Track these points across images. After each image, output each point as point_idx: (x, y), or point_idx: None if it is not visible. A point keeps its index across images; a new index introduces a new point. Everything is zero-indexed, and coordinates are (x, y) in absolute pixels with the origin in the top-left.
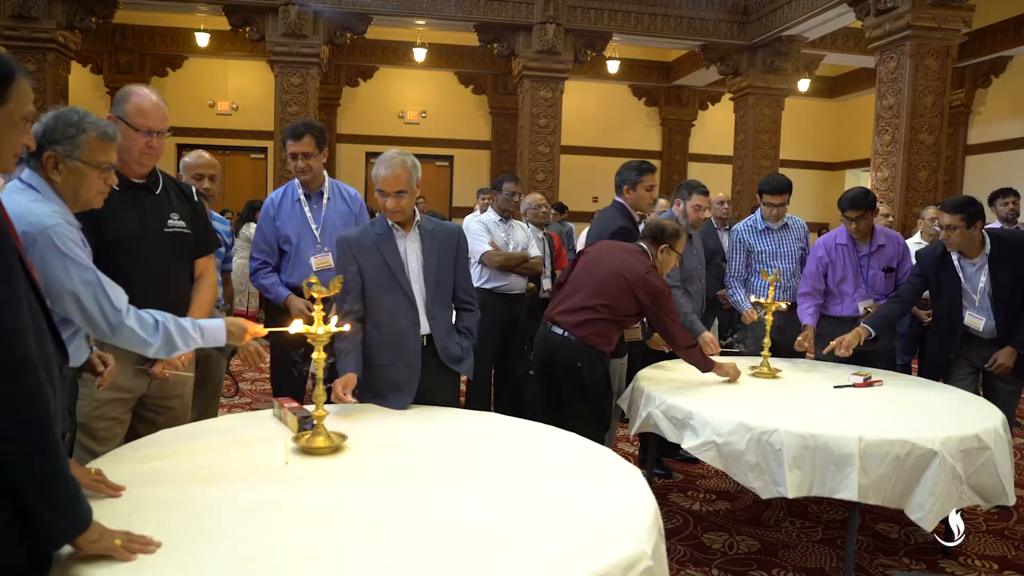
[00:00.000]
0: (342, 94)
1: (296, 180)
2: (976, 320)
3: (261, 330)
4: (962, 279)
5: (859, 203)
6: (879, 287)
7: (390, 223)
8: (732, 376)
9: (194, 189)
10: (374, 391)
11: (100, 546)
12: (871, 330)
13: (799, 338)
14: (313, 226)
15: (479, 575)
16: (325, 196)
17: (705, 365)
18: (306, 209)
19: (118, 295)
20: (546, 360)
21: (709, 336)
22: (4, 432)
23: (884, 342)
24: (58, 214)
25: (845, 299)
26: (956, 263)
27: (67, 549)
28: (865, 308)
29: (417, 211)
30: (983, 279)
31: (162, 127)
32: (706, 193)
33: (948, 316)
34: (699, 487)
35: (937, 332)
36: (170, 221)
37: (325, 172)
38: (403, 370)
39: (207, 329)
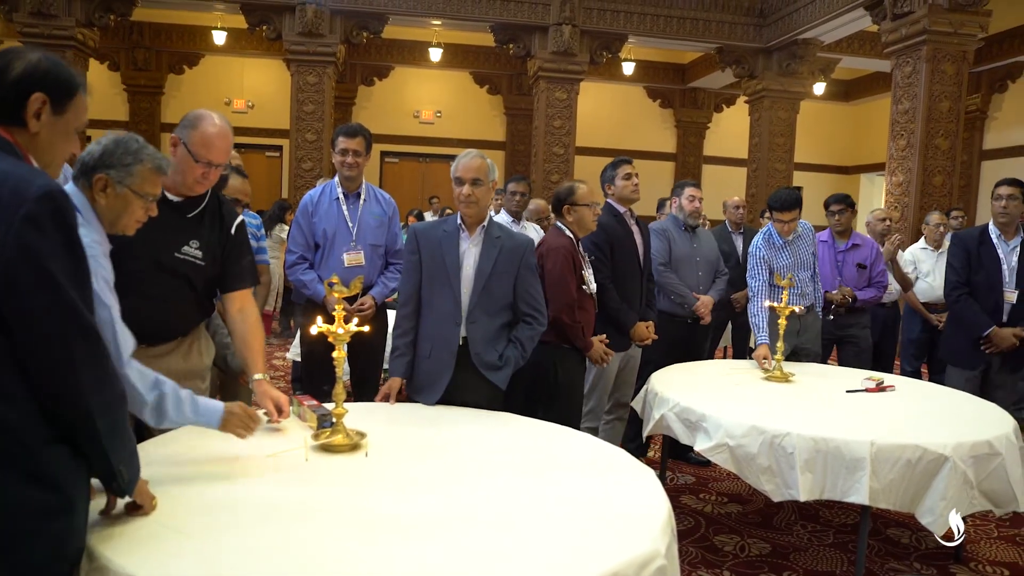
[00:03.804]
0: (358, 93)
1: (335, 180)
2: (1011, 295)
3: (257, 420)
4: (1000, 256)
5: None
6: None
7: (459, 222)
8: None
9: (236, 223)
10: (408, 380)
11: (142, 494)
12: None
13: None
14: (349, 224)
15: (494, 573)
16: (362, 197)
17: (575, 339)
18: (343, 208)
19: (126, 340)
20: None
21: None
22: (97, 409)
23: (860, 328)
24: (96, 243)
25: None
26: (995, 240)
27: (96, 544)
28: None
29: (491, 216)
30: (1014, 260)
31: (223, 161)
32: (696, 185)
33: (988, 288)
34: (711, 489)
35: (978, 306)
36: (185, 248)
37: (363, 176)
38: (437, 366)
39: (203, 409)
